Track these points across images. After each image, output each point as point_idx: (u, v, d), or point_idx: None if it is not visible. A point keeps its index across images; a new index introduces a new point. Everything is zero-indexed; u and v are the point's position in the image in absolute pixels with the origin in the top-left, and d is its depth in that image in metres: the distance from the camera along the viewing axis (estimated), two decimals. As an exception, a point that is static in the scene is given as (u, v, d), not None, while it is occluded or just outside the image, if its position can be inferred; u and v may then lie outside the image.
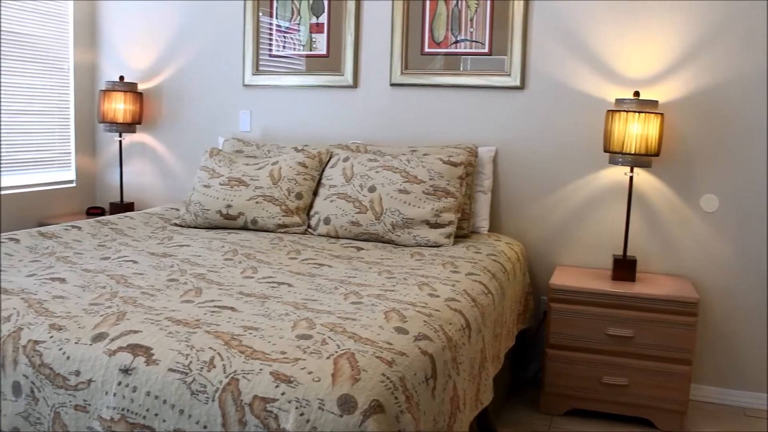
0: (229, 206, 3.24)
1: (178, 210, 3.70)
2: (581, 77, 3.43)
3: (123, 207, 4.21)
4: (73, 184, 4.41)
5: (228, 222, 3.26)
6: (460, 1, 3.60)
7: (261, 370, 1.52)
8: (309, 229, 3.25)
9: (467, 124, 3.63)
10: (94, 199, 4.55)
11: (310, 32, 3.92)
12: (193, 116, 4.22)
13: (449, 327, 2.01)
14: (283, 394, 1.47)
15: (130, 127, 4.18)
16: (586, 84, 3.43)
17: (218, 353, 1.60)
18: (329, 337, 1.70)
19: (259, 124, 4.05)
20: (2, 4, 3.87)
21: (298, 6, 3.93)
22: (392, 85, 3.74)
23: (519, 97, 3.55)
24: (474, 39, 3.60)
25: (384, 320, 1.88)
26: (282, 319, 1.84)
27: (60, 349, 1.71)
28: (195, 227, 3.31)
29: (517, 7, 3.48)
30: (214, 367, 1.56)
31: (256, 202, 3.23)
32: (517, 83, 3.52)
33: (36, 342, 1.76)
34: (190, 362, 1.58)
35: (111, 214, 4.24)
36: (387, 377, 1.57)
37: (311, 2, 3.89)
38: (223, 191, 3.28)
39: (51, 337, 1.76)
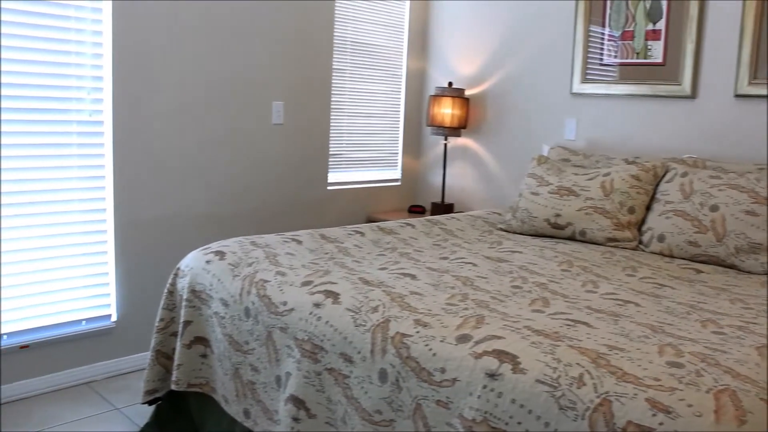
0: (557, 215, 3.22)
1: (500, 214, 3.76)
2: None
3: (443, 207, 4.38)
4: (398, 183, 4.70)
5: (555, 231, 3.24)
6: (826, 4, 3.22)
7: (635, 395, 1.47)
8: (640, 245, 3.11)
9: (827, 142, 3.24)
10: (415, 197, 4.80)
11: (645, 39, 3.76)
12: (516, 123, 4.27)
13: (828, 372, 1.79)
14: (660, 424, 1.40)
15: (455, 131, 4.34)
16: None
17: (587, 371, 1.57)
18: (703, 369, 1.59)
19: (584, 133, 3.97)
20: (355, 19, 4.22)
21: (633, 12, 3.78)
22: (737, 96, 3.45)
23: None
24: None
25: (758, 357, 1.73)
26: (643, 342, 1.76)
27: (426, 345, 1.80)
28: (521, 233, 3.34)
29: None
30: (584, 384, 1.53)
31: (586, 214, 3.16)
32: None
33: (403, 335, 1.87)
34: (559, 376, 1.57)
35: (432, 213, 4.44)
36: (773, 422, 1.43)
37: (648, 8, 3.73)
38: (552, 200, 3.26)
39: (417, 332, 1.86)
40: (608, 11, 3.87)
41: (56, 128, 3.11)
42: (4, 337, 3.08)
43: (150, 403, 2.77)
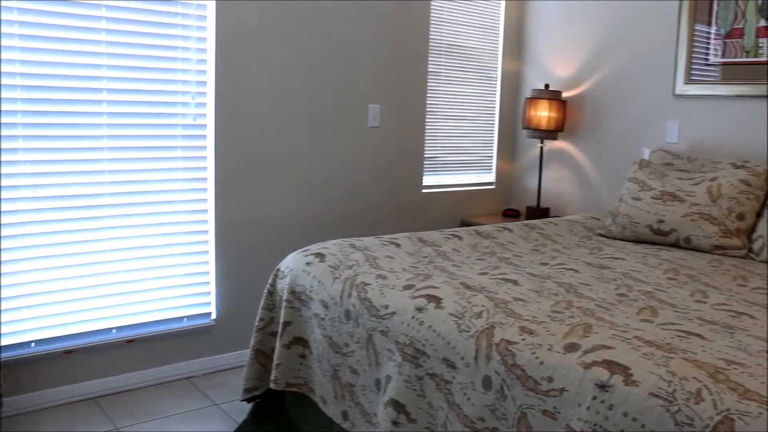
0: (660, 221, 3.12)
1: (598, 219, 3.67)
2: None
3: (539, 211, 4.31)
4: (493, 186, 4.65)
5: (657, 237, 3.14)
6: None
7: (760, 414, 1.40)
8: (750, 254, 2.98)
9: None
10: (509, 201, 4.75)
11: (756, 37, 3.59)
12: (614, 125, 4.16)
13: None
14: (788, 445, 1.33)
15: (551, 134, 4.26)
16: None
17: (705, 386, 1.51)
18: (832, 388, 1.51)
19: (687, 136, 3.84)
20: (450, 21, 4.21)
21: (743, 8, 3.62)
22: None
23: None
24: None
25: None
26: (763, 357, 1.68)
27: (533, 353, 1.78)
28: (621, 239, 3.25)
29: None
30: (703, 400, 1.47)
31: (692, 220, 3.05)
32: None
33: (508, 342, 1.84)
34: (674, 390, 1.51)
35: (527, 217, 4.37)
36: None
37: (760, 3, 3.56)
38: (655, 205, 3.16)
39: (523, 339, 1.83)
40: (715, 8, 3.73)
41: (164, 132, 3.23)
42: (113, 330, 3.21)
43: (249, 400, 2.83)
